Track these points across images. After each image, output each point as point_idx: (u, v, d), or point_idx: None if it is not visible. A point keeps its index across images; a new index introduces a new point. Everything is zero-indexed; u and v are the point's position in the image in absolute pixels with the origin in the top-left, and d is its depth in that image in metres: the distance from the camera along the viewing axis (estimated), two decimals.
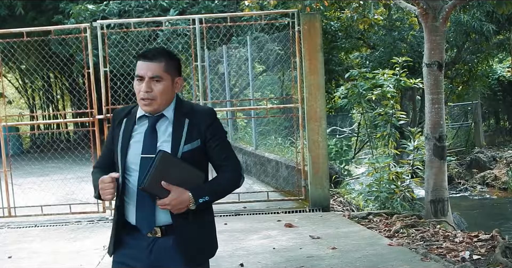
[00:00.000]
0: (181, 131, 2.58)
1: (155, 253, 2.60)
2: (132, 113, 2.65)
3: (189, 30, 9.08)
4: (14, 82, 23.79)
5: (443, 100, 7.20)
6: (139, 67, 2.57)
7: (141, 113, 2.63)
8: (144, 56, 2.58)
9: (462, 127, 20.77)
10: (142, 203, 2.57)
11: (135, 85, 2.60)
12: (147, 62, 2.57)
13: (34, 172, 11.89)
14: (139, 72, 2.57)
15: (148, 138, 2.57)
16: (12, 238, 6.75)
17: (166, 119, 2.60)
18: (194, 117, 2.61)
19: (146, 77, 2.56)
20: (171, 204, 2.50)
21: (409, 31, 15.96)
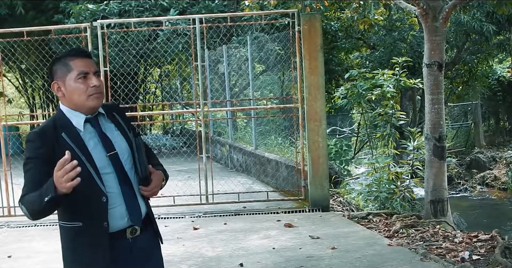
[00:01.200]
0: (120, 125, 2.59)
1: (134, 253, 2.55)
2: (63, 126, 2.44)
3: (189, 30, 9.09)
4: (14, 81, 23.78)
5: (443, 101, 7.20)
6: (81, 64, 2.46)
7: (75, 120, 2.47)
8: (82, 53, 2.51)
9: (462, 127, 20.77)
10: (129, 199, 2.51)
11: (77, 85, 2.44)
12: (87, 58, 2.50)
13: None
14: (83, 68, 2.45)
15: (104, 138, 2.50)
16: (12, 237, 6.76)
17: (103, 116, 2.56)
18: (117, 112, 2.63)
19: (90, 72, 2.47)
20: (157, 185, 2.54)
21: (409, 32, 15.96)
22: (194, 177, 9.00)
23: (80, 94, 2.44)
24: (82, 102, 2.46)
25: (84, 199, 2.38)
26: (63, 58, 2.49)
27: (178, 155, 12.26)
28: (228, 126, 12.99)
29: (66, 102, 2.49)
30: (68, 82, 2.45)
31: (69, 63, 2.45)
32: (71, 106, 2.48)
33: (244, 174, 11.07)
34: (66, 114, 2.48)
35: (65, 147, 2.36)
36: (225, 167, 12.49)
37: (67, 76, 2.45)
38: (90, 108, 2.48)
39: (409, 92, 16.22)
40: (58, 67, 2.48)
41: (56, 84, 2.49)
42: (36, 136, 2.41)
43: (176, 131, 20.06)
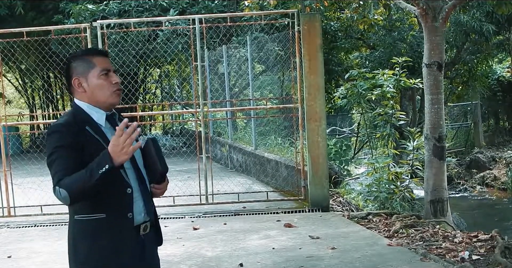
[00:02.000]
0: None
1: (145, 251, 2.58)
2: (85, 120, 2.48)
3: (189, 30, 9.09)
4: (14, 82, 23.79)
5: (442, 101, 7.20)
6: (102, 62, 2.53)
7: (96, 115, 2.52)
8: (102, 53, 2.60)
9: (461, 127, 20.77)
10: (146, 196, 2.59)
11: (101, 81, 2.50)
12: (106, 57, 2.58)
13: (33, 171, 11.88)
14: (105, 66, 2.53)
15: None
16: (12, 237, 6.76)
17: (115, 115, 2.62)
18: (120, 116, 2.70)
19: (111, 70, 2.55)
20: (166, 186, 2.65)
21: (409, 32, 15.96)
22: (194, 177, 9.00)
23: (103, 90, 2.50)
24: (105, 99, 2.51)
25: (109, 190, 2.41)
26: (83, 55, 2.55)
27: (178, 155, 12.26)
28: (228, 127, 12.99)
29: (87, 98, 2.52)
30: (91, 79, 2.50)
31: (91, 60, 2.52)
32: (91, 102, 2.52)
33: (244, 174, 11.07)
34: (85, 110, 2.52)
35: (91, 139, 2.42)
36: (225, 167, 12.49)
37: (89, 72, 2.50)
38: (111, 105, 2.54)
39: (409, 92, 16.22)
40: (78, 64, 2.53)
41: (77, 80, 2.52)
42: (62, 126, 2.43)
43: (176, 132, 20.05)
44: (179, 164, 11.52)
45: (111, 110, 2.57)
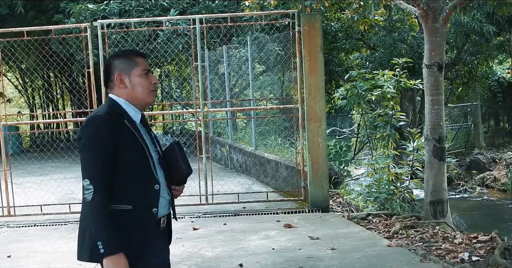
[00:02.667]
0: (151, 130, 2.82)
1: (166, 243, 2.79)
2: (122, 114, 2.61)
3: (190, 30, 9.09)
4: (14, 81, 23.79)
5: (443, 102, 7.20)
6: (143, 62, 2.68)
7: (133, 112, 2.65)
8: (142, 54, 2.74)
9: (461, 128, 20.76)
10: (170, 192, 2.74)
11: (142, 80, 2.65)
12: (145, 59, 2.72)
13: (33, 171, 11.90)
14: (145, 66, 2.67)
15: (150, 135, 2.73)
16: (12, 237, 6.76)
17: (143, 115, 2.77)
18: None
19: (150, 71, 2.70)
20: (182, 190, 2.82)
21: (409, 32, 15.96)
22: (193, 177, 8.98)
23: (143, 88, 2.65)
24: (143, 97, 2.65)
25: (139, 183, 2.56)
26: (125, 54, 2.69)
27: None
28: (228, 127, 12.98)
29: (126, 94, 2.65)
30: (133, 76, 2.64)
31: (134, 59, 2.66)
32: (129, 99, 2.65)
33: (243, 175, 11.07)
34: (122, 105, 2.64)
35: (128, 133, 2.57)
36: (225, 167, 12.49)
37: (132, 70, 2.64)
38: (147, 103, 2.70)
39: (409, 93, 16.22)
40: (121, 61, 2.65)
41: (119, 76, 2.64)
42: (102, 119, 2.54)
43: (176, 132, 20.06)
44: None
45: (144, 110, 2.73)
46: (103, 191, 2.47)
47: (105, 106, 2.64)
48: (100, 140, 2.51)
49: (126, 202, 2.55)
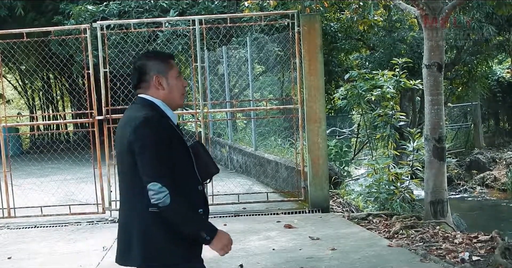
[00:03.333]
0: None
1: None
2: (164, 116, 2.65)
3: (189, 31, 9.09)
4: (14, 83, 23.79)
5: (442, 102, 7.20)
6: (175, 66, 2.72)
7: (170, 113, 2.69)
8: (173, 57, 2.77)
9: (461, 128, 20.76)
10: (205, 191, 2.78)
11: (177, 82, 2.69)
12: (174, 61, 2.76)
13: (33, 172, 11.90)
14: (177, 69, 2.72)
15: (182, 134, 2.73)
16: (12, 238, 6.75)
17: None
18: None
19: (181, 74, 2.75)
20: None
21: (409, 32, 15.96)
22: None
23: (177, 91, 2.69)
24: (176, 99, 2.69)
25: (185, 185, 2.57)
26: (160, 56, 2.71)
27: None
28: (228, 128, 12.98)
29: (163, 96, 2.66)
30: (170, 79, 2.68)
31: (169, 62, 2.69)
32: (165, 101, 2.67)
33: (244, 175, 11.06)
34: (160, 106, 2.65)
35: (175, 134, 2.60)
36: (225, 168, 12.48)
37: (169, 73, 2.66)
38: (178, 106, 2.74)
39: (409, 93, 16.21)
40: (158, 63, 2.66)
41: (157, 78, 2.64)
42: (156, 120, 2.56)
43: None
44: None
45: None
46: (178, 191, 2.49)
47: (146, 107, 2.62)
48: (161, 140, 2.52)
49: None
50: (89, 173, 9.07)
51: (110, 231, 6.81)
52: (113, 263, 5.35)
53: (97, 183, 7.65)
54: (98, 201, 7.67)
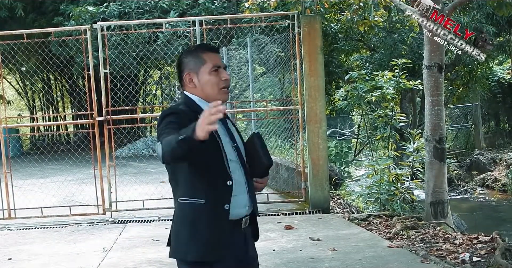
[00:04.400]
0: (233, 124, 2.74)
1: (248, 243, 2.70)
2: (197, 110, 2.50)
3: (189, 32, 9.09)
4: (15, 84, 23.80)
5: (443, 102, 7.20)
6: (214, 58, 2.61)
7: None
8: (213, 49, 2.66)
9: (462, 129, 20.75)
10: (251, 189, 2.66)
11: (211, 77, 2.59)
12: (217, 53, 2.65)
13: (34, 173, 11.89)
14: (216, 62, 2.60)
15: (229, 130, 2.66)
16: (12, 240, 6.75)
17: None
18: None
19: (221, 66, 2.62)
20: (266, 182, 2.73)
21: (409, 33, 15.94)
22: None
23: (213, 86, 2.59)
24: (214, 95, 2.58)
25: (212, 178, 2.51)
26: (194, 51, 2.63)
27: None
28: None
29: (197, 93, 2.61)
30: (201, 75, 2.60)
31: (202, 57, 2.59)
32: (202, 97, 2.60)
33: None
34: (197, 102, 2.60)
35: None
36: None
37: (200, 68, 2.59)
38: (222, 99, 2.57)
39: (409, 94, 16.20)
40: (190, 60, 2.61)
41: (188, 76, 2.61)
42: (179, 110, 2.55)
43: None
44: None
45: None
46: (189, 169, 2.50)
47: (179, 104, 2.63)
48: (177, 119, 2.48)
49: (198, 196, 2.53)
50: (90, 174, 9.08)
51: (111, 232, 6.81)
52: (113, 264, 5.38)
53: (98, 184, 7.65)
54: (98, 202, 7.67)
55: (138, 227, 6.98)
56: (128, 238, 6.47)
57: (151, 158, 14.76)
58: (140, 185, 9.48)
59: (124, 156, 15.17)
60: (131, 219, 7.45)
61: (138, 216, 7.52)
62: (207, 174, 2.51)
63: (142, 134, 20.63)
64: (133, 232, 6.73)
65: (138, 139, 18.30)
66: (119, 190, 7.97)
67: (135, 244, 6.14)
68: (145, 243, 6.15)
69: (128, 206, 7.78)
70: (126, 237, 6.50)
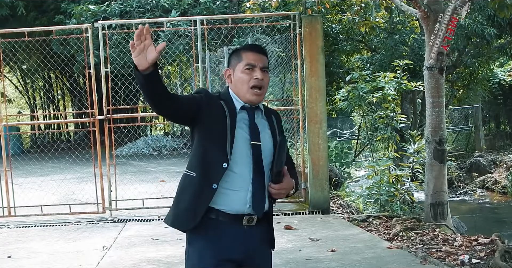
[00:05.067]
0: (273, 126, 2.73)
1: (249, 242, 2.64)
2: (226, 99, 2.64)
3: (191, 31, 9.10)
4: (15, 82, 23.82)
5: (443, 104, 7.20)
6: (251, 57, 2.65)
7: (238, 103, 2.65)
8: (257, 48, 2.70)
9: (462, 131, 20.77)
10: (258, 189, 2.61)
11: (242, 75, 2.63)
12: (258, 53, 2.68)
13: (34, 171, 11.90)
14: (250, 61, 2.64)
15: (253, 127, 2.64)
16: (12, 237, 6.75)
17: (260, 112, 2.72)
18: (275, 116, 2.78)
19: (257, 66, 2.64)
20: (286, 188, 2.63)
21: (410, 34, 15.96)
22: None
23: (243, 83, 2.63)
24: (243, 93, 2.64)
25: (209, 157, 2.56)
26: (238, 49, 2.71)
27: (178, 156, 12.25)
28: None
29: (233, 88, 2.68)
30: (236, 72, 2.67)
31: (241, 55, 2.66)
32: (235, 92, 2.67)
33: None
34: (230, 94, 2.67)
35: (220, 111, 2.59)
36: None
37: (237, 65, 2.66)
38: (248, 101, 2.64)
39: (410, 95, 16.22)
40: (232, 57, 2.70)
41: (228, 72, 2.71)
42: (205, 91, 2.67)
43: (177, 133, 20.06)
44: (180, 165, 11.50)
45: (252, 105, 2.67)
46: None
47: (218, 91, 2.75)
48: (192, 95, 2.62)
49: (193, 168, 2.60)
50: (90, 172, 9.08)
51: (110, 230, 6.81)
52: (113, 262, 5.38)
53: (98, 183, 7.65)
54: (98, 200, 7.67)
55: (137, 226, 6.98)
56: (127, 236, 6.47)
57: (151, 157, 14.77)
58: (140, 183, 9.49)
59: (124, 155, 15.18)
60: (130, 218, 7.45)
61: (138, 215, 7.52)
62: (206, 153, 2.57)
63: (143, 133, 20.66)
64: (132, 231, 6.73)
65: (138, 137, 18.33)
66: (119, 188, 7.97)
67: (135, 243, 6.15)
68: (145, 242, 6.16)
69: (128, 205, 7.79)
70: (126, 236, 6.50)
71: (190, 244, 2.73)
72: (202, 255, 2.65)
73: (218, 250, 2.60)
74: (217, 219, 2.59)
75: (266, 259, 2.76)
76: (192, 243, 2.71)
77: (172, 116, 2.63)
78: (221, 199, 2.58)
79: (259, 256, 2.71)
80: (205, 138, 2.59)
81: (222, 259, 2.59)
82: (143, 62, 2.38)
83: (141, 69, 2.38)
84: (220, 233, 2.60)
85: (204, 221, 2.60)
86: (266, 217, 2.70)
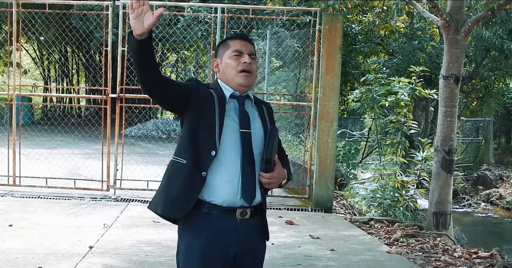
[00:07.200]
0: (264, 115, 2.73)
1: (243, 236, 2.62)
2: (215, 88, 2.67)
3: (210, 18, 9.08)
4: (32, 53, 23.88)
5: (456, 114, 7.17)
6: (238, 44, 2.68)
7: (227, 92, 2.66)
8: (242, 36, 2.75)
9: (472, 143, 20.67)
10: (247, 179, 2.58)
11: (230, 61, 2.66)
12: (245, 41, 2.71)
13: (42, 143, 11.95)
14: (237, 47, 2.67)
15: (243, 115, 2.64)
16: (15, 206, 6.79)
17: (250, 101, 2.72)
18: (266, 107, 2.78)
19: (245, 52, 2.67)
20: (277, 177, 2.61)
21: (429, 42, 15.88)
22: None
23: (231, 69, 2.66)
24: (232, 77, 2.66)
25: (199, 144, 2.56)
26: (226, 39, 2.76)
27: None
28: None
29: (221, 77, 2.71)
30: (224, 59, 2.69)
31: (229, 43, 2.71)
32: (223, 81, 2.70)
33: None
34: (219, 84, 2.70)
35: (209, 99, 2.60)
36: None
37: (224, 53, 2.69)
38: (238, 85, 2.65)
39: (423, 102, 16.16)
40: (220, 48, 2.74)
41: (215, 62, 2.74)
42: (195, 79, 2.70)
43: None
44: None
45: (241, 92, 2.68)
46: None
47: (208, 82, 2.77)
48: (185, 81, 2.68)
49: (183, 156, 2.59)
50: (97, 149, 9.11)
51: (113, 209, 6.84)
52: (112, 241, 5.41)
53: (104, 161, 7.68)
54: (103, 178, 7.70)
55: (140, 207, 7.00)
56: (129, 216, 6.50)
57: (160, 139, 14.80)
58: (146, 165, 9.51)
59: (133, 135, 15.21)
60: (134, 198, 7.47)
61: (141, 196, 7.54)
62: (195, 141, 2.57)
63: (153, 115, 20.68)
64: (134, 211, 6.76)
65: (148, 119, 18.36)
66: (125, 168, 7.99)
67: (136, 224, 6.17)
68: (146, 223, 6.18)
69: (132, 185, 7.81)
70: (128, 216, 6.53)
71: (182, 238, 2.65)
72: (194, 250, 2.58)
73: (212, 245, 2.54)
74: (209, 213, 2.55)
75: (260, 252, 2.76)
76: (183, 237, 2.63)
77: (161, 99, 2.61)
78: (211, 189, 2.55)
79: (253, 248, 2.70)
80: (194, 125, 2.58)
81: (216, 254, 2.55)
82: (140, 26, 2.39)
83: (136, 34, 2.40)
84: (214, 227, 2.55)
85: (197, 215, 2.56)
86: (259, 208, 2.68)
